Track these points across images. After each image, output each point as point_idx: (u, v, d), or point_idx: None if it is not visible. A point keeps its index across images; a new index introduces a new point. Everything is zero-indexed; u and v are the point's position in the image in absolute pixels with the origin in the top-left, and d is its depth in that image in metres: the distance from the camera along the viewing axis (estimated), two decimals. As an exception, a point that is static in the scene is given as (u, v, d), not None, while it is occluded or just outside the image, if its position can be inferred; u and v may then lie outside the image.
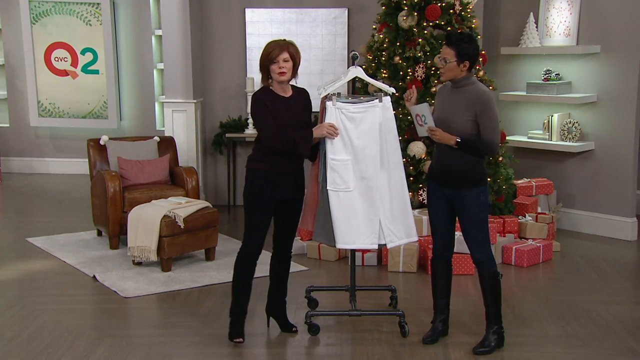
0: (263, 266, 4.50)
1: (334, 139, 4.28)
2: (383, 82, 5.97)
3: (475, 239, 4.24)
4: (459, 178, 4.18)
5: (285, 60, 4.15)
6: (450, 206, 4.27)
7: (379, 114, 4.33)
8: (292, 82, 4.32)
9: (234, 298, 4.39)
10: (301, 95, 4.33)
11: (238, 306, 4.38)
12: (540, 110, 7.07)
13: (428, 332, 4.44)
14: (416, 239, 4.52)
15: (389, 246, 4.43)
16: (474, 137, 4.13)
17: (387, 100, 4.36)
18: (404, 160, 6.00)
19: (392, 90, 4.51)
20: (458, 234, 5.67)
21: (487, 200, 4.25)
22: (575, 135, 6.72)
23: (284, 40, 4.24)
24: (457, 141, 4.12)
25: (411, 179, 6.08)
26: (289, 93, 4.27)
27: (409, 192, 5.93)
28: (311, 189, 4.56)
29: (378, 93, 4.39)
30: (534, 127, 7.11)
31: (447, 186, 4.24)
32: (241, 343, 4.34)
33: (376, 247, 4.41)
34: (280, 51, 4.14)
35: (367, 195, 4.34)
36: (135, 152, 6.67)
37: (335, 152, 4.32)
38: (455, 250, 5.37)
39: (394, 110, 4.43)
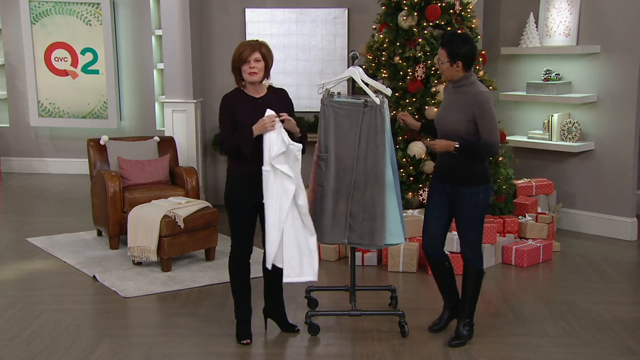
0: (259, 265, 4.48)
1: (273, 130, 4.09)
2: (383, 83, 5.99)
3: (467, 237, 4.27)
4: (462, 176, 4.20)
5: (256, 60, 4.13)
6: (449, 203, 4.30)
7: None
8: (271, 84, 4.30)
9: (235, 300, 4.40)
10: (276, 95, 4.30)
11: (240, 308, 4.39)
12: (540, 110, 7.07)
13: (435, 320, 4.55)
14: (311, 279, 4.19)
15: (284, 280, 4.21)
16: (472, 140, 4.13)
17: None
18: (404, 160, 6.02)
19: (389, 91, 4.49)
20: (456, 234, 5.65)
21: (487, 200, 4.25)
22: (575, 135, 6.72)
23: (256, 40, 4.24)
24: (456, 147, 4.12)
25: (411, 179, 6.08)
26: (261, 93, 4.24)
27: (409, 192, 6.02)
28: (312, 188, 4.56)
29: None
30: (534, 127, 7.11)
31: (450, 182, 4.26)
32: (249, 344, 4.35)
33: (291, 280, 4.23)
34: (251, 51, 4.12)
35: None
36: (135, 152, 6.67)
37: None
38: (454, 250, 5.40)
39: (393, 110, 4.42)
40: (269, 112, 4.10)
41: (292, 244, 4.15)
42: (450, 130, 4.17)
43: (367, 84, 4.41)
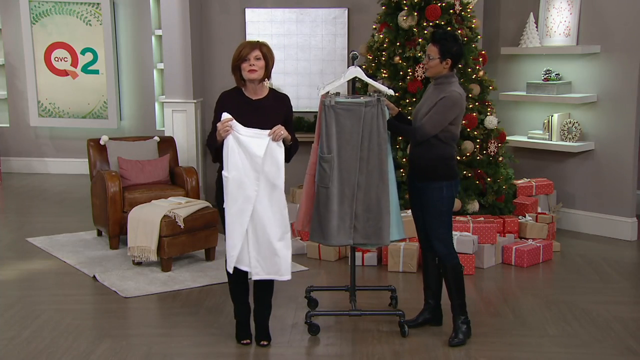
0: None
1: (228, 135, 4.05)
2: (383, 83, 5.99)
3: (437, 231, 4.32)
4: (425, 171, 4.29)
5: (256, 58, 4.09)
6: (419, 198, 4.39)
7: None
8: (272, 85, 4.27)
9: (233, 301, 4.40)
10: (276, 99, 4.24)
11: (240, 308, 4.39)
12: (540, 110, 7.07)
13: (413, 317, 4.59)
14: (285, 278, 4.13)
15: (253, 278, 4.18)
16: (414, 127, 4.29)
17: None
18: (404, 160, 6.01)
19: (391, 92, 4.50)
20: (457, 234, 5.69)
21: (451, 196, 4.31)
22: (575, 135, 6.72)
23: (257, 40, 4.24)
24: (394, 114, 4.37)
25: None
26: (260, 95, 4.20)
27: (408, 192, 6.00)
28: (306, 189, 4.55)
29: (375, 94, 4.41)
30: (534, 127, 7.11)
31: (416, 179, 4.35)
32: (249, 344, 4.35)
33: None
34: (251, 49, 4.10)
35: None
36: (135, 152, 6.68)
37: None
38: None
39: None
40: (224, 117, 4.04)
41: (257, 246, 4.11)
42: (418, 123, 4.29)
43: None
